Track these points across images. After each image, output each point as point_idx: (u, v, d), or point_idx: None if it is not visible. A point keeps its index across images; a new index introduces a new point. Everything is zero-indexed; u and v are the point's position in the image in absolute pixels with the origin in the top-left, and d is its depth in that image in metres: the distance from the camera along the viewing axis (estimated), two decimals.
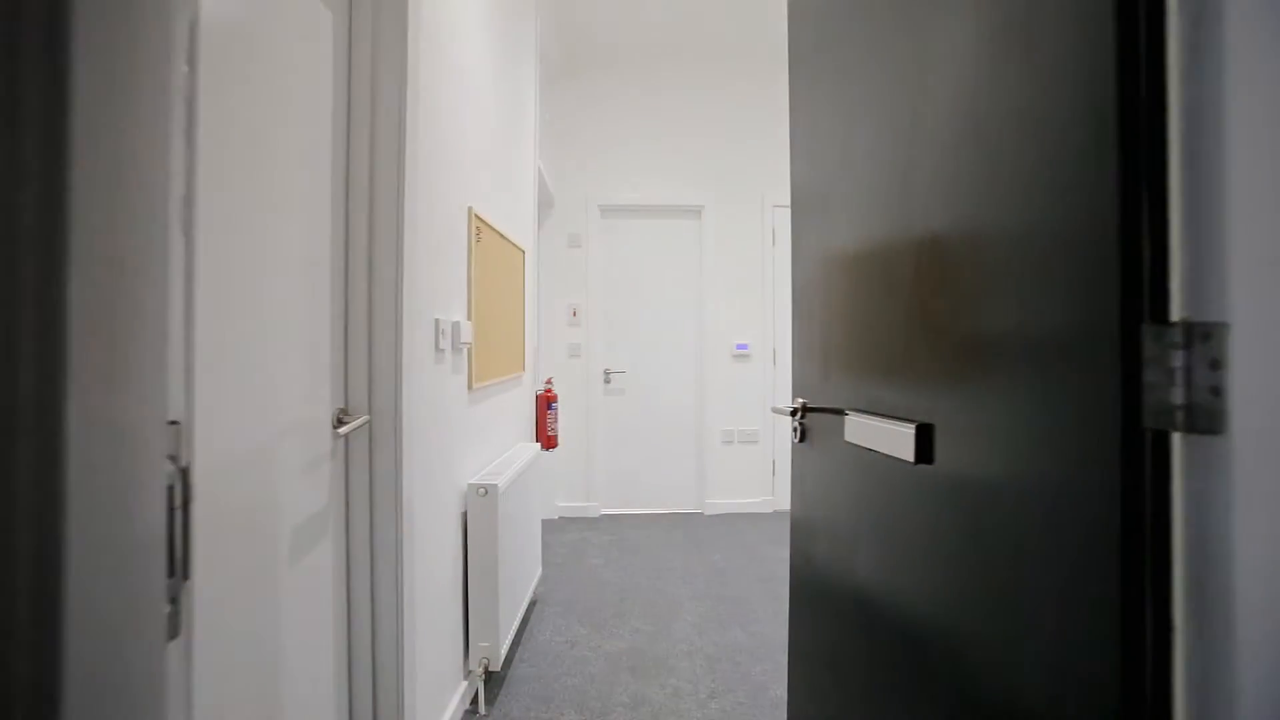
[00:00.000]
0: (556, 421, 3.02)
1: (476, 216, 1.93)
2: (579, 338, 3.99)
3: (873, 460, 1.01)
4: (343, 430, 1.12)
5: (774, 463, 4.07)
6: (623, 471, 4.06)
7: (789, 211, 3.88)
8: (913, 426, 0.86)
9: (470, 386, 1.89)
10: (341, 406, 1.26)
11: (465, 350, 1.85)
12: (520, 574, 2.17)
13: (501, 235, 2.29)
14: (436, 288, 1.59)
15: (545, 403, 2.98)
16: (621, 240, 4.08)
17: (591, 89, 4.02)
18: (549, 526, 3.74)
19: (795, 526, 1.42)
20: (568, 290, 4.00)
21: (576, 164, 4.01)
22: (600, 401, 4.02)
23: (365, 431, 1.30)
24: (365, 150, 1.29)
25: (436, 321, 1.58)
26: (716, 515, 3.98)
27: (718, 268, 4.06)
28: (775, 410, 1.39)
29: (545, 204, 3.93)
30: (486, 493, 1.81)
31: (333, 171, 1.21)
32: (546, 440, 2.98)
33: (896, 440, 0.90)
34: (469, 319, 1.87)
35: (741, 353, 4.05)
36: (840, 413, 1.15)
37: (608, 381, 4.06)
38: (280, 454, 1.03)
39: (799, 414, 1.34)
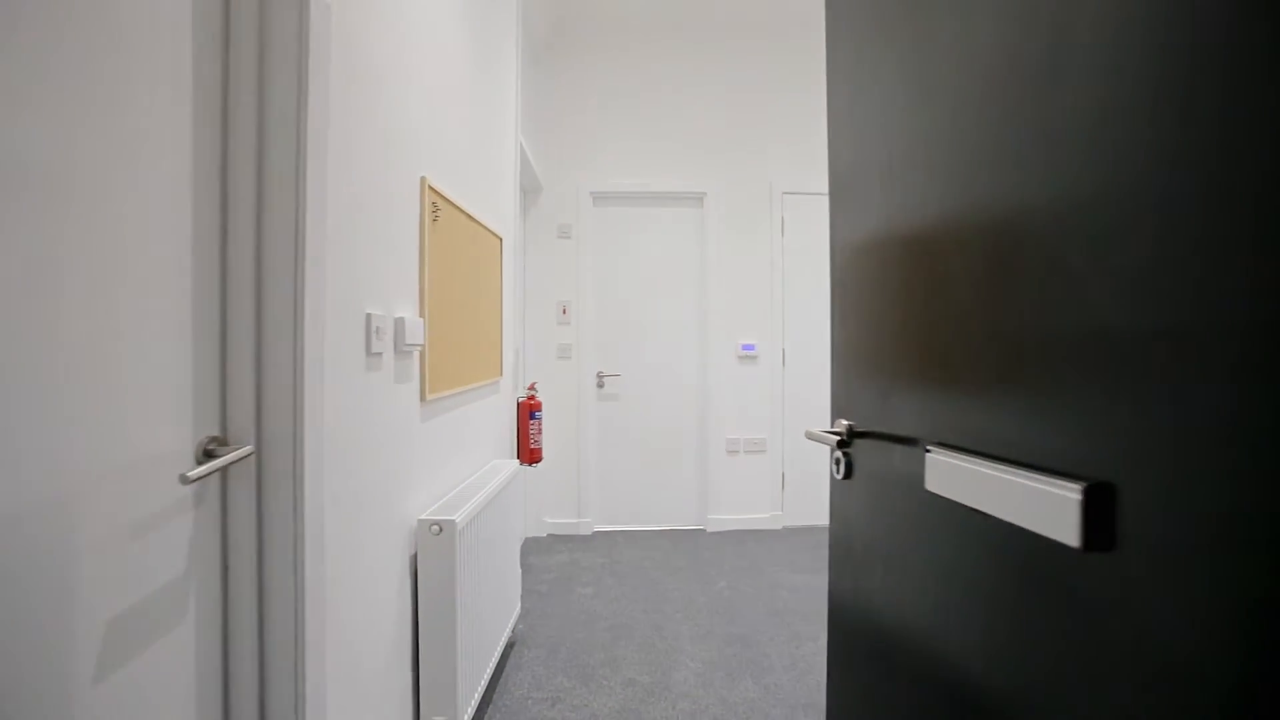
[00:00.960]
0: (540, 433, 2.67)
1: (433, 190, 1.58)
2: (569, 338, 3.64)
3: (981, 527, 0.66)
4: (195, 474, 0.77)
5: (783, 475, 3.72)
6: (617, 485, 3.71)
7: (799, 198, 3.53)
8: (1078, 489, 0.51)
9: (423, 398, 1.54)
10: (215, 435, 0.91)
11: (415, 353, 1.50)
12: (490, 620, 1.82)
13: (470, 217, 1.94)
14: (370, 275, 1.25)
15: (527, 412, 2.63)
16: (616, 230, 3.73)
17: (582, 65, 3.66)
18: (536, 546, 3.39)
19: (837, 590, 1.07)
20: (556, 285, 3.65)
21: (566, 147, 3.66)
22: (592, 408, 3.67)
23: (252, 467, 0.94)
24: (251, 89, 0.94)
25: (369, 318, 1.23)
26: (721, 533, 3.63)
27: (721, 260, 3.71)
28: (811, 436, 1.04)
29: (531, 190, 3.59)
30: (441, 530, 1.46)
31: (195, 109, 0.86)
32: (529, 455, 2.63)
33: (1038, 506, 0.55)
34: (421, 315, 1.52)
35: (748, 354, 3.70)
36: (913, 444, 0.80)
37: (601, 386, 3.71)
38: (84, 513, 0.68)
39: (844, 442, 0.99)
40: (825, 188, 3.72)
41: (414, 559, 1.48)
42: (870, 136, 0.94)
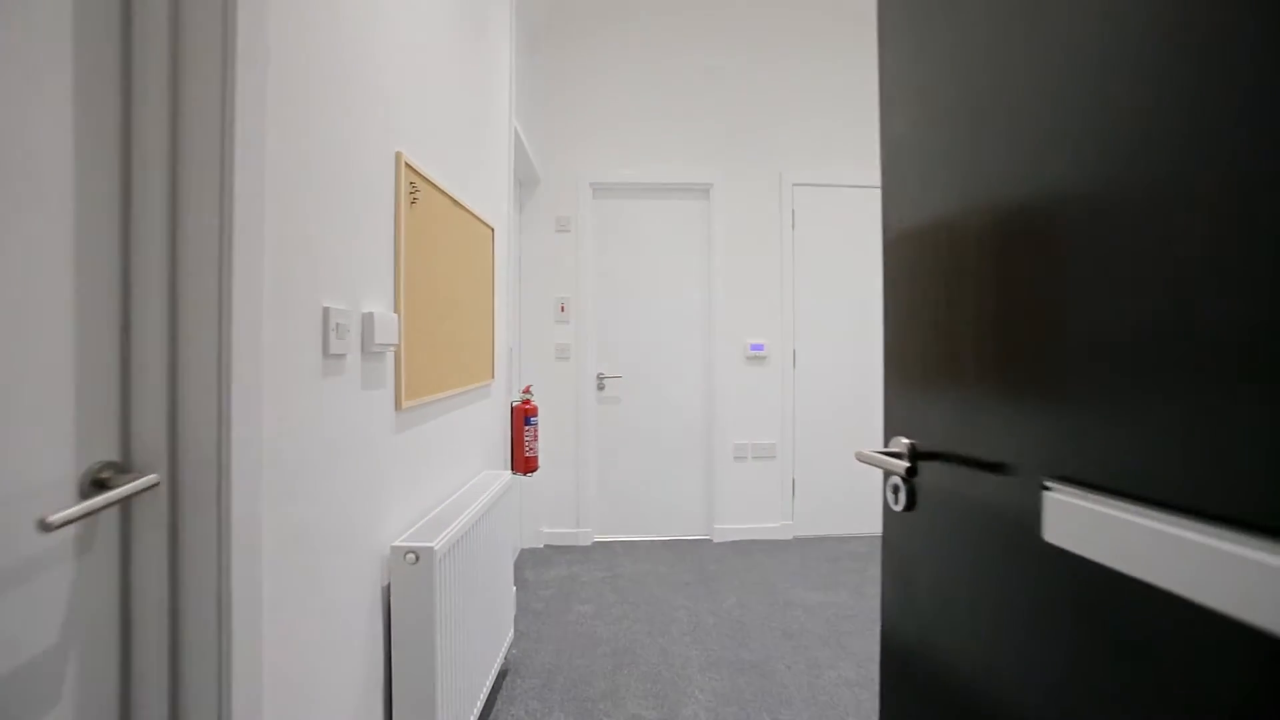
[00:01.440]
0: (536, 439, 2.48)
1: (410, 168, 1.39)
2: (567, 337, 3.44)
3: (1154, 608, 0.46)
4: (58, 519, 0.57)
5: (793, 481, 3.53)
6: (618, 492, 3.51)
7: (811, 190, 3.32)
8: None
9: (399, 405, 1.34)
10: (112, 460, 0.71)
11: (389, 355, 1.30)
12: (478, 653, 1.63)
13: (457, 203, 1.74)
14: (329, 263, 1.05)
15: (522, 417, 2.43)
16: (617, 224, 3.54)
17: (582, 50, 3.47)
18: (532, 558, 3.20)
19: (893, 641, 0.87)
20: (554, 282, 3.45)
21: (565, 136, 3.46)
22: (592, 411, 3.48)
23: (162, 499, 0.75)
24: (161, 29, 0.75)
25: (326, 312, 1.03)
26: (728, 543, 3.44)
27: (729, 255, 3.51)
28: (864, 458, 0.84)
29: (528, 181, 3.39)
30: (418, 558, 1.26)
31: (76, 44, 0.66)
32: (523, 464, 2.43)
33: None
34: (395, 310, 1.32)
35: (756, 354, 3.50)
36: (1008, 472, 0.61)
37: (601, 388, 3.51)
38: None
39: (910, 468, 0.79)
40: (838, 179, 3.53)
41: (387, 591, 1.28)
42: (937, 93, 0.75)
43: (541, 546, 3.39)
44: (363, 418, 1.18)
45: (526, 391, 2.51)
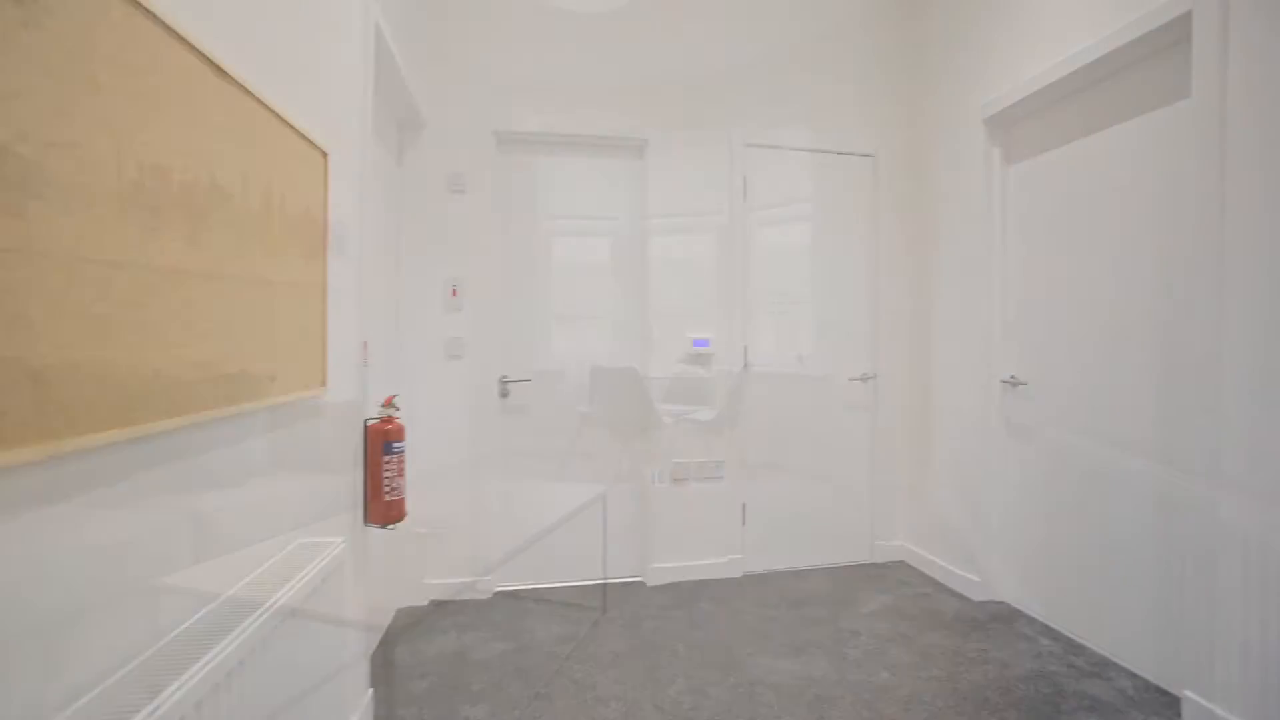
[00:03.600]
0: (402, 474, 1.69)
1: None
2: (460, 328, 2.65)
3: None
4: None
5: (743, 507, 2.92)
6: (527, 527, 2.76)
7: (766, 153, 2.27)
8: None
9: None
10: None
11: None
12: None
13: (225, 74, 0.95)
14: None
15: (380, 443, 1.64)
16: (528, 185, 2.78)
17: None
18: (409, 622, 2.38)
19: None
20: (444, 257, 2.64)
21: (461, 67, 2.66)
22: (494, 424, 2.71)
23: None
24: None
25: None
26: (666, 586, 2.77)
27: (668, 230, 2.85)
28: None
29: (409, 124, 2.57)
30: None
31: None
32: (383, 511, 1.64)
33: None
34: None
35: (700, 352, 2.87)
36: None
37: (505, 395, 2.74)
38: None
39: None
40: (801, 142, 2.95)
41: None
42: None
43: (425, 604, 2.58)
44: None
45: (389, 404, 1.72)
